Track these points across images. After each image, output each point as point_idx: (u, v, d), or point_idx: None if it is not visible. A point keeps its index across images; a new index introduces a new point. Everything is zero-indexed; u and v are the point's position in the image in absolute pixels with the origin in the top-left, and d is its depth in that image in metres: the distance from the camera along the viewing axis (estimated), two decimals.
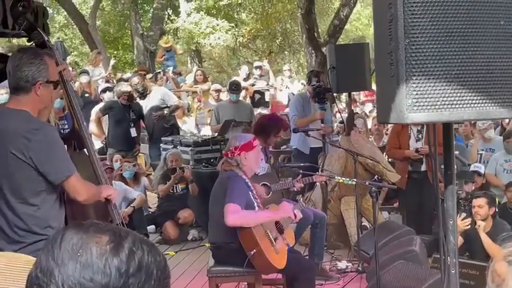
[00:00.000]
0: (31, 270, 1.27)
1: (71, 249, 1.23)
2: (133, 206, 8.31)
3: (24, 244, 3.48)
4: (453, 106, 2.60)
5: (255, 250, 4.91)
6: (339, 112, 10.44)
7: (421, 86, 2.57)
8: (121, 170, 9.21)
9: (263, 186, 6.15)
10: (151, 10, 23.85)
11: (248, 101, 13.15)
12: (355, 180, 6.11)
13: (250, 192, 5.15)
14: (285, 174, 9.13)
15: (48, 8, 6.75)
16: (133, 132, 10.01)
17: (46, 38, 4.02)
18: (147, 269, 1.25)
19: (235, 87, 10.49)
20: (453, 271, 3.01)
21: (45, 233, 3.51)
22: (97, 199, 3.82)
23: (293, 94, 14.16)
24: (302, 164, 6.91)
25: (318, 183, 7.46)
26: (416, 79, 2.56)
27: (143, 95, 10.68)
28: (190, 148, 9.29)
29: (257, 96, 14.88)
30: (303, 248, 7.07)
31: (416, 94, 2.57)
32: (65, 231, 1.26)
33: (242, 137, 5.45)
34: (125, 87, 10.29)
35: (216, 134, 9.87)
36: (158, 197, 9.13)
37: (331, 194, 7.90)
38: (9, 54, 5.13)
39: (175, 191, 8.76)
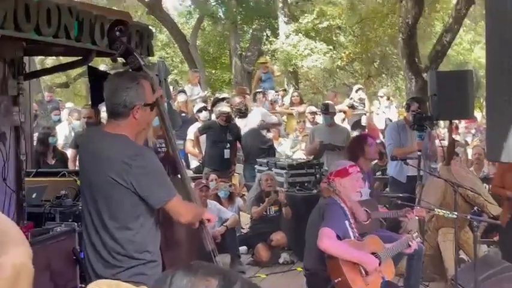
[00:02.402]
0: None
1: None
2: (226, 226, 8.36)
3: (122, 269, 3.51)
4: None
5: (340, 279, 4.86)
6: (438, 139, 10.18)
7: None
8: (217, 189, 9.29)
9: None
10: (251, 31, 24.15)
11: (346, 124, 13.03)
12: (455, 213, 5.90)
13: (346, 221, 5.08)
14: (381, 202, 8.95)
15: (151, 27, 6.96)
16: (227, 153, 10.10)
17: (142, 63, 4.03)
18: None
19: (325, 109, 10.43)
20: None
21: (143, 257, 3.54)
22: (199, 219, 3.84)
23: (390, 120, 13.95)
24: (400, 195, 6.76)
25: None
26: None
27: (245, 114, 10.78)
28: (284, 171, 9.29)
29: (354, 119, 14.73)
30: (397, 278, 6.90)
31: None
32: (175, 272, 1.24)
33: (339, 163, 5.43)
34: (225, 107, 10.42)
35: (311, 158, 9.82)
36: (251, 218, 9.15)
37: (429, 224, 7.69)
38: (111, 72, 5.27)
39: (268, 213, 8.76)
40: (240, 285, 1.22)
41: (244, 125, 10.71)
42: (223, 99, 13.02)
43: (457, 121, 13.60)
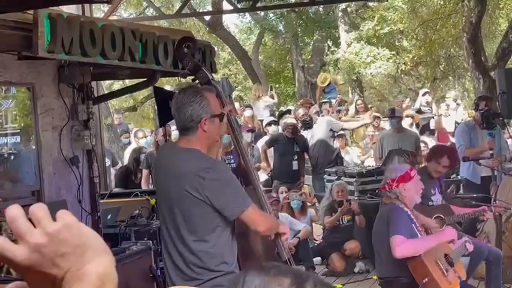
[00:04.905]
0: None
1: None
2: (299, 238, 8.34)
3: (201, 281, 3.55)
4: None
5: (427, 279, 4.81)
6: (511, 138, 9.93)
7: None
8: (287, 199, 9.28)
9: (436, 218, 5.95)
10: (312, 42, 24.13)
11: (414, 129, 12.88)
12: None
13: (413, 225, 5.05)
14: (455, 205, 8.78)
15: (213, 46, 7.04)
16: (295, 165, 10.11)
17: (211, 77, 4.07)
18: None
19: (391, 113, 10.39)
20: None
21: (221, 269, 3.57)
22: (275, 231, 3.84)
23: (457, 123, 13.69)
24: (474, 195, 6.63)
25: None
26: None
27: (310, 125, 10.79)
28: (354, 179, 9.22)
29: (422, 123, 14.51)
30: (477, 282, 6.77)
31: None
32: (246, 273, 1.26)
33: (398, 169, 5.40)
34: (290, 119, 10.44)
35: (381, 164, 9.72)
36: (323, 229, 9.10)
37: (506, 225, 7.49)
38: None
39: (341, 223, 8.70)
40: (312, 284, 1.22)
41: (311, 136, 10.69)
42: (288, 111, 13.04)
43: None
